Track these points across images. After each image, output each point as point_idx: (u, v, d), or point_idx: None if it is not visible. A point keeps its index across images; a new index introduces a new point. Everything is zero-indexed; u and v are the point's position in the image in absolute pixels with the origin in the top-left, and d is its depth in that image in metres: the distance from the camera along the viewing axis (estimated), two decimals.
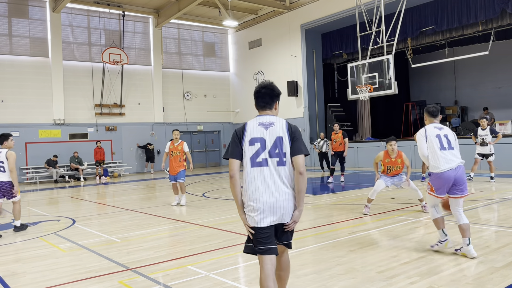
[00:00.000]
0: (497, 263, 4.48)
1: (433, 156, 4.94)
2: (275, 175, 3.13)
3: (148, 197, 12.58)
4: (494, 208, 7.81)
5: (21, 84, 19.46)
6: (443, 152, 4.88)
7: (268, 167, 3.13)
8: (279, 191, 3.12)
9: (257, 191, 3.11)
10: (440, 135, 4.98)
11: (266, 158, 3.14)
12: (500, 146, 14.54)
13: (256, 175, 3.13)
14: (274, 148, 3.15)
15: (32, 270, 5.06)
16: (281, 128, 3.25)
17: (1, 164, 7.35)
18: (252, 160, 3.16)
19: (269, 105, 3.45)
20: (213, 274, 4.55)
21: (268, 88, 3.45)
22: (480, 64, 20.88)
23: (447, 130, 5.09)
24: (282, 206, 3.13)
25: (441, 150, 4.90)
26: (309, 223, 7.31)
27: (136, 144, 22.43)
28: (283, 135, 3.20)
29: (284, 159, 3.16)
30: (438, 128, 5.05)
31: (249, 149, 3.17)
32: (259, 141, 3.18)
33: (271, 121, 3.30)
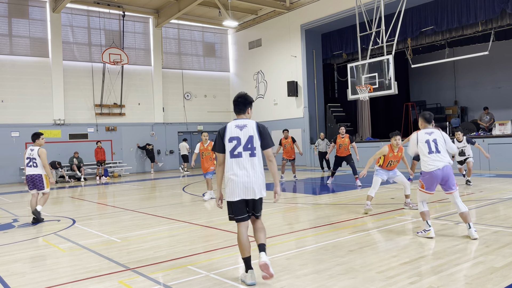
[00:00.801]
0: (497, 263, 4.48)
1: (423, 158, 5.80)
2: (248, 163, 4.21)
3: (148, 197, 12.58)
4: (494, 208, 7.81)
5: (21, 84, 19.46)
6: (431, 155, 5.71)
7: (242, 158, 4.22)
8: (250, 174, 4.19)
9: (233, 175, 4.20)
10: (429, 140, 5.78)
11: (241, 151, 4.22)
12: (500, 146, 14.55)
13: (234, 163, 4.23)
14: (247, 144, 4.23)
15: (32, 270, 5.07)
16: (252, 129, 4.29)
17: (34, 160, 8.29)
18: (231, 153, 4.26)
19: (243, 111, 4.43)
20: (213, 274, 4.55)
21: (242, 97, 4.44)
22: (480, 64, 20.88)
23: (437, 135, 5.83)
24: (253, 186, 4.18)
25: (429, 154, 5.72)
26: (309, 223, 7.31)
27: (136, 145, 22.43)
28: (254, 134, 4.26)
29: (255, 151, 4.25)
30: (429, 133, 5.84)
31: (229, 145, 4.27)
32: (236, 139, 4.25)
33: (245, 124, 4.33)
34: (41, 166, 8.27)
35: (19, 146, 19.37)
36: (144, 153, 22.48)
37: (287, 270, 4.55)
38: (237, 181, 4.18)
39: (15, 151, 19.26)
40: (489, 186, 10.94)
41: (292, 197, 10.88)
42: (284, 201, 10.09)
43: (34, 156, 8.29)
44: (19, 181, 19.30)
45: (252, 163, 4.22)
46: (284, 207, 9.23)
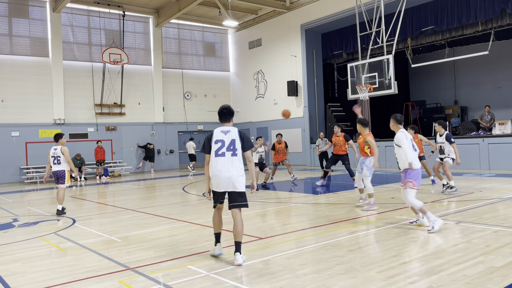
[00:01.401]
0: (497, 263, 4.49)
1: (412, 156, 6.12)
2: (230, 161, 4.97)
3: (148, 196, 12.58)
4: (494, 207, 7.81)
5: (21, 84, 19.47)
6: (414, 154, 6.16)
7: (225, 157, 4.98)
8: (231, 171, 4.94)
9: (217, 171, 4.95)
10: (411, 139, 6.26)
11: (224, 151, 4.99)
12: (500, 146, 14.55)
13: (218, 161, 4.99)
14: (230, 146, 4.99)
15: (32, 269, 5.07)
16: (235, 134, 5.07)
17: (58, 158, 9.32)
18: (216, 153, 5.02)
19: (228, 120, 5.22)
20: (213, 274, 4.55)
21: (227, 109, 5.26)
22: (480, 64, 20.88)
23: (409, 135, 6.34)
24: (233, 182, 4.94)
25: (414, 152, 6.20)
26: (309, 223, 7.32)
27: (136, 144, 22.44)
28: (236, 138, 5.04)
29: (236, 152, 5.01)
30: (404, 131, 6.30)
31: (214, 146, 5.03)
32: (220, 142, 5.02)
33: (228, 130, 5.11)
34: (64, 162, 9.29)
35: (19, 146, 19.38)
36: (144, 152, 22.50)
37: (287, 270, 4.55)
38: (220, 176, 4.95)
39: (15, 151, 19.27)
40: (489, 186, 10.93)
41: (292, 197, 10.88)
42: (284, 201, 10.09)
43: (58, 154, 9.31)
44: (19, 181, 19.31)
45: (233, 162, 4.97)
46: (284, 207, 9.23)
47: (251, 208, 9.18)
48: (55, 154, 9.37)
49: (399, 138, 6.21)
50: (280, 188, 12.68)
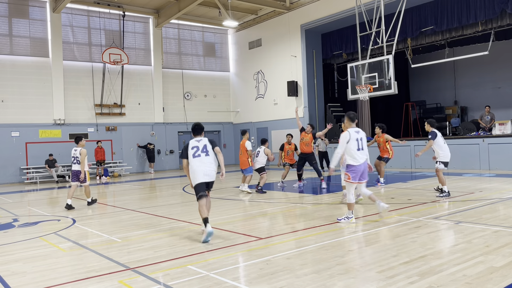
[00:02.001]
0: (497, 263, 4.49)
1: (352, 154, 6.75)
2: (205, 159, 6.38)
3: (148, 197, 12.58)
4: (494, 208, 7.81)
5: (21, 84, 19.48)
6: (358, 152, 6.76)
7: (201, 157, 6.38)
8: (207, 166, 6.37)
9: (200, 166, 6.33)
10: (358, 138, 6.79)
11: (199, 153, 6.40)
12: (500, 146, 14.56)
13: (196, 161, 6.37)
14: (203, 149, 6.43)
15: (32, 269, 5.07)
16: (205, 141, 6.54)
17: (77, 158, 10.14)
18: (193, 155, 6.39)
19: (199, 133, 6.66)
20: (213, 273, 4.55)
21: (199, 125, 6.71)
22: (480, 64, 20.88)
23: (362, 134, 6.90)
24: (209, 173, 6.37)
25: (357, 150, 6.75)
26: (309, 223, 7.31)
27: (136, 144, 22.44)
28: (206, 144, 6.50)
29: (208, 153, 6.43)
30: (357, 132, 6.84)
31: (191, 151, 6.42)
32: (195, 147, 6.44)
33: (201, 139, 6.57)
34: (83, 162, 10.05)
35: (19, 146, 19.38)
36: (144, 153, 22.50)
37: (287, 270, 4.55)
38: (199, 170, 6.30)
39: (15, 151, 19.27)
40: (489, 186, 10.94)
41: (292, 197, 10.87)
42: (284, 201, 10.09)
43: (77, 155, 10.15)
44: (19, 181, 19.31)
45: (208, 160, 6.39)
46: (284, 207, 9.23)
47: (251, 208, 9.19)
48: (75, 154, 10.20)
49: (340, 138, 6.86)
50: (280, 189, 12.67)
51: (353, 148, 6.73)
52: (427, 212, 7.54)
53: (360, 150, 6.77)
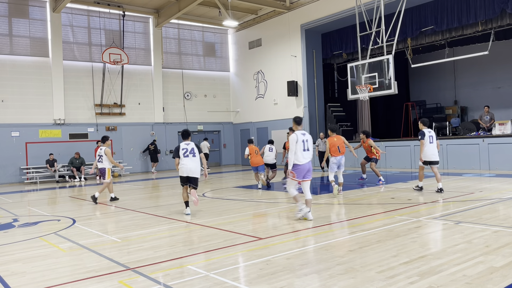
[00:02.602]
0: (497, 263, 4.49)
1: (298, 154, 7.30)
2: (191, 159, 8.26)
3: (148, 196, 12.58)
4: (494, 208, 7.81)
5: (21, 84, 19.48)
6: (304, 152, 7.33)
7: (189, 157, 8.25)
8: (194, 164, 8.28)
9: (186, 164, 8.24)
10: (304, 140, 7.37)
11: (188, 154, 8.26)
12: (500, 146, 14.55)
13: (185, 160, 8.25)
14: (191, 151, 8.31)
15: (32, 270, 5.07)
16: (193, 145, 8.38)
17: (101, 156, 11.03)
18: (183, 155, 8.28)
19: (188, 138, 8.54)
20: (213, 274, 4.55)
21: (186, 131, 8.59)
22: (480, 64, 20.88)
23: (308, 136, 7.51)
24: (193, 171, 8.28)
25: (303, 151, 7.32)
26: (309, 223, 7.31)
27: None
28: (194, 147, 8.35)
29: (195, 154, 8.34)
30: (303, 134, 7.42)
31: (181, 151, 8.28)
32: (185, 149, 8.30)
33: (189, 143, 8.41)
34: (106, 161, 10.97)
35: (19, 146, 19.38)
36: (148, 154, 22.56)
37: (287, 270, 4.55)
38: (185, 167, 8.25)
39: (15, 151, 19.27)
40: (489, 186, 10.94)
41: (292, 197, 10.86)
42: (284, 201, 10.09)
43: (101, 154, 11.03)
44: (19, 181, 19.31)
45: (193, 160, 8.29)
46: (284, 207, 9.23)
47: (251, 208, 9.19)
48: (100, 153, 11.09)
49: (289, 141, 7.45)
50: (279, 188, 12.67)
51: (299, 149, 7.30)
52: (427, 212, 7.54)
53: (306, 151, 7.35)
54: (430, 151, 10.04)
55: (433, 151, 10.05)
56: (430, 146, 10.04)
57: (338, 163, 10.39)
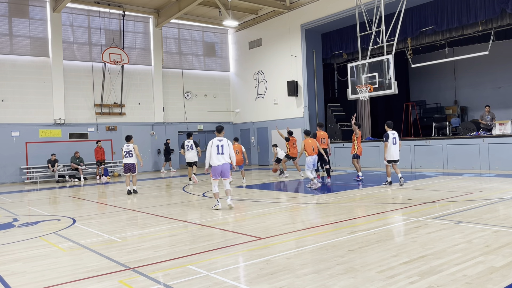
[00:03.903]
0: (497, 263, 4.49)
1: (212, 157, 8.61)
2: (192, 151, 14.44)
3: (148, 196, 12.58)
4: (494, 208, 7.81)
5: (21, 84, 19.48)
6: (218, 155, 8.58)
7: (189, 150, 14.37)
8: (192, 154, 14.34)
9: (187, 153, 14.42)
10: (219, 145, 8.59)
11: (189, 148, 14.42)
12: (500, 146, 14.55)
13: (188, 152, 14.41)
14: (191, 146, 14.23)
15: (32, 269, 5.07)
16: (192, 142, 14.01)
17: (131, 152, 12.52)
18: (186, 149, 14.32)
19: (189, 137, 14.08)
20: (213, 273, 4.55)
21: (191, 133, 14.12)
22: (480, 64, 20.88)
23: (224, 142, 8.66)
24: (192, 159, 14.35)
25: (217, 154, 8.58)
26: (309, 223, 7.32)
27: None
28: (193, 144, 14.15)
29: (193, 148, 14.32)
30: (220, 140, 8.68)
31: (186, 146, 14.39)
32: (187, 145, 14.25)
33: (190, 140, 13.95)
34: (135, 156, 12.48)
35: (19, 146, 19.38)
36: (162, 153, 22.70)
37: (287, 270, 4.55)
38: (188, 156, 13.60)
39: (15, 151, 19.27)
40: (489, 186, 10.94)
41: (292, 197, 10.88)
42: (284, 201, 10.09)
43: (130, 149, 12.49)
44: (19, 181, 19.31)
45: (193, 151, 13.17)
46: (284, 207, 9.23)
47: (251, 208, 9.19)
48: (128, 149, 12.46)
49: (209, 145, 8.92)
50: (279, 188, 12.67)
51: (213, 153, 8.57)
52: (427, 212, 7.54)
53: (220, 154, 8.56)
54: (393, 152, 11.44)
55: (396, 151, 11.48)
56: (393, 147, 11.44)
57: (314, 161, 11.92)
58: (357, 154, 13.30)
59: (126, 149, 12.49)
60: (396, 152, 11.47)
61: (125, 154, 12.49)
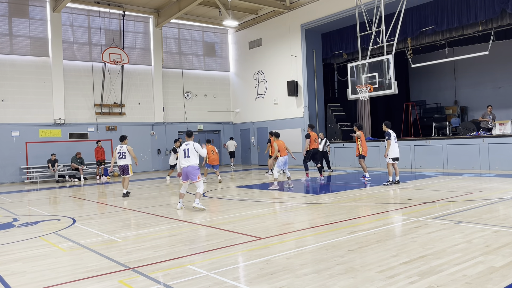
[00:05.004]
0: (497, 263, 4.49)
1: (180, 160, 9.19)
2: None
3: (149, 196, 12.57)
4: (494, 208, 7.81)
5: (21, 83, 19.47)
6: (184, 159, 9.07)
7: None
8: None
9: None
10: (185, 149, 9.05)
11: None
12: (500, 146, 14.55)
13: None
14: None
15: (32, 269, 5.07)
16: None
17: (124, 154, 11.86)
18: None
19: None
20: (213, 273, 4.55)
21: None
22: (480, 64, 20.88)
23: (190, 146, 9.06)
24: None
25: (184, 157, 9.06)
26: (309, 223, 7.32)
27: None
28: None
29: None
30: (186, 144, 9.12)
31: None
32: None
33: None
34: (129, 157, 11.86)
35: (19, 146, 19.38)
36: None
37: (287, 270, 4.55)
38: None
39: (15, 151, 19.27)
40: (489, 186, 10.94)
41: (292, 197, 10.88)
42: (284, 200, 10.09)
43: (124, 151, 11.84)
44: (19, 181, 19.31)
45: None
46: (284, 206, 9.23)
47: (252, 208, 9.19)
48: (121, 150, 11.84)
49: None
50: (280, 188, 12.68)
51: (181, 156, 9.11)
52: (427, 212, 7.54)
53: (186, 158, 9.02)
54: (396, 149, 11.71)
55: (397, 149, 11.77)
56: (395, 145, 11.71)
57: (285, 161, 12.34)
58: (363, 155, 13.31)
59: (119, 150, 11.95)
60: (398, 150, 11.83)
61: (119, 155, 11.87)
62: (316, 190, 12.32)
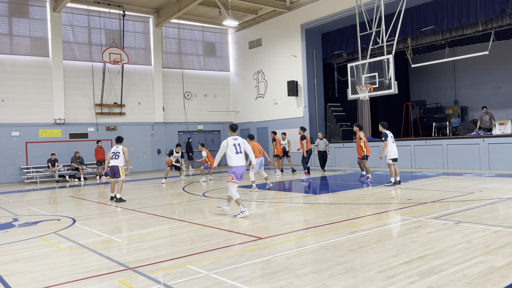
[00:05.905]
0: (497, 263, 4.49)
1: (231, 157, 7.91)
2: None
3: (148, 196, 12.57)
4: (494, 208, 7.81)
5: (21, 83, 19.47)
6: (237, 155, 7.91)
7: None
8: None
9: None
10: (236, 144, 7.95)
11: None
12: (500, 146, 14.56)
13: None
14: None
15: (32, 269, 5.07)
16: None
17: (118, 154, 11.06)
18: None
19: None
20: (213, 273, 4.55)
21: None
22: (480, 64, 20.88)
23: (240, 140, 8.03)
24: None
25: (236, 154, 7.91)
26: (309, 223, 7.32)
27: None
28: None
29: None
30: (235, 139, 8.01)
31: None
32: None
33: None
34: (122, 159, 11.06)
35: (19, 146, 19.38)
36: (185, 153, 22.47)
37: (287, 270, 4.55)
38: None
39: (15, 151, 19.27)
40: (489, 186, 10.94)
41: (292, 197, 10.88)
42: (284, 200, 10.09)
43: (118, 151, 11.10)
44: (19, 181, 19.31)
45: None
46: (284, 206, 9.23)
47: (251, 208, 9.19)
48: (116, 151, 11.16)
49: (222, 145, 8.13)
50: (280, 188, 12.68)
51: (232, 152, 7.95)
52: (427, 212, 7.54)
53: (238, 154, 7.97)
54: (394, 150, 11.60)
55: (396, 150, 11.66)
56: (393, 146, 11.61)
57: (260, 163, 12.53)
58: (367, 155, 13.17)
59: (114, 150, 11.21)
60: (396, 150, 11.77)
61: (112, 155, 11.14)
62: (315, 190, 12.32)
